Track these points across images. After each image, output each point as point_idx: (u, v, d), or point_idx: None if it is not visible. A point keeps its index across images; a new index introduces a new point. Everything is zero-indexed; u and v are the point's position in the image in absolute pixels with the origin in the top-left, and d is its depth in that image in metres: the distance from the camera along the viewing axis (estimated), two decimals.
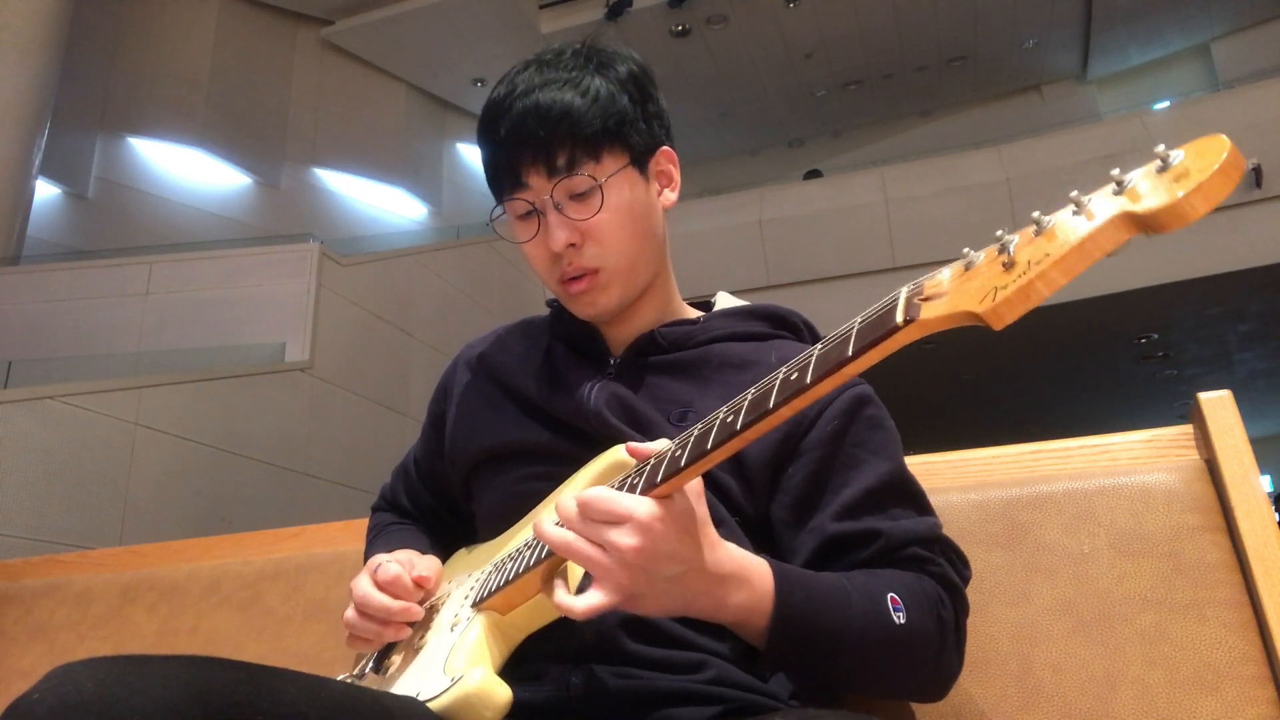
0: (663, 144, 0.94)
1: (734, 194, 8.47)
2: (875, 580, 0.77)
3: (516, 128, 0.86)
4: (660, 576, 0.66)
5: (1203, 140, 0.46)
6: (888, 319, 0.55)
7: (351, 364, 5.98)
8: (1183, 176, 0.45)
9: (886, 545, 0.80)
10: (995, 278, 0.49)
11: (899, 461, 0.87)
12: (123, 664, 0.56)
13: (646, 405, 0.88)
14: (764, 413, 0.61)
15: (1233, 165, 0.44)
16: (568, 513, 0.67)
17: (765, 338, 0.95)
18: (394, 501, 1.12)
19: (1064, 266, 0.47)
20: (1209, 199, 0.44)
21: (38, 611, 1.54)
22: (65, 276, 5.77)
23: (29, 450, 4.15)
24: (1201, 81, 10.70)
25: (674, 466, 0.66)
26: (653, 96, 0.93)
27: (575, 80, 0.87)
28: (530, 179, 0.87)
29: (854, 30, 10.19)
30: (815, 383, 0.58)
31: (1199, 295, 7.14)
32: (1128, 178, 0.47)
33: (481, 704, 0.72)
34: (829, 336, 0.60)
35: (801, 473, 0.84)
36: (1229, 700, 0.88)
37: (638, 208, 0.90)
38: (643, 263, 0.91)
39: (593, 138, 0.86)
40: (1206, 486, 0.98)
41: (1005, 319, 0.49)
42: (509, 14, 9.75)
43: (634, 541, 0.64)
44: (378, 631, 0.86)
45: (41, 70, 6.75)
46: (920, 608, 0.76)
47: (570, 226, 0.87)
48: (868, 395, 0.89)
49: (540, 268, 0.91)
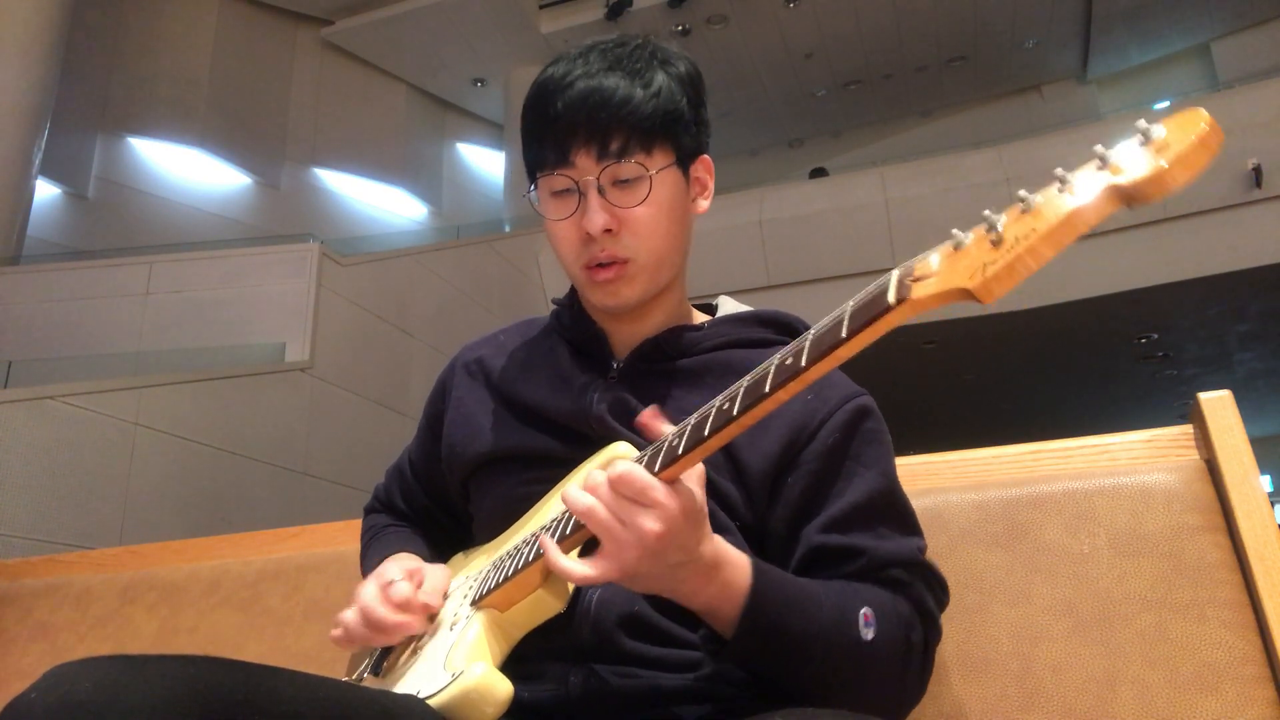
0: (704, 151, 0.94)
1: (734, 194, 8.47)
2: (851, 593, 0.77)
3: (575, 106, 0.85)
4: (665, 562, 0.68)
5: (1182, 113, 0.47)
6: (880, 300, 0.55)
7: (351, 364, 5.98)
8: (1164, 148, 0.46)
9: (869, 564, 0.81)
10: (984, 254, 0.50)
11: (891, 477, 0.87)
12: (120, 664, 0.56)
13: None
14: (760, 397, 0.61)
15: (1211, 135, 0.45)
16: (597, 483, 0.68)
17: (769, 344, 0.95)
18: (389, 503, 1.11)
19: (1051, 240, 0.48)
20: (1190, 168, 0.45)
21: (38, 611, 1.54)
22: (65, 276, 5.77)
23: (29, 450, 4.15)
24: (1201, 81, 10.71)
25: (671, 455, 0.66)
26: (704, 103, 0.93)
27: (641, 72, 0.87)
28: (578, 158, 0.86)
29: (854, 30, 10.20)
30: (810, 365, 0.58)
31: (1199, 295, 7.14)
32: (1110, 152, 0.48)
33: (482, 699, 0.71)
34: (823, 320, 0.60)
35: (799, 484, 0.84)
36: (1229, 700, 0.88)
37: (677, 207, 0.90)
38: (669, 263, 0.91)
39: (649, 130, 0.86)
40: (1206, 486, 0.98)
41: (995, 293, 0.50)
42: (509, 14, 9.76)
43: (658, 528, 0.65)
44: (369, 638, 0.87)
45: (41, 70, 6.75)
46: (890, 628, 0.77)
47: (611, 211, 0.86)
48: (869, 407, 0.89)
49: (567, 249, 0.90)
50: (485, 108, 11.47)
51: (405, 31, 9.94)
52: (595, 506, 0.67)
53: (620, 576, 0.68)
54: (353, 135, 10.15)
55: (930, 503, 1.06)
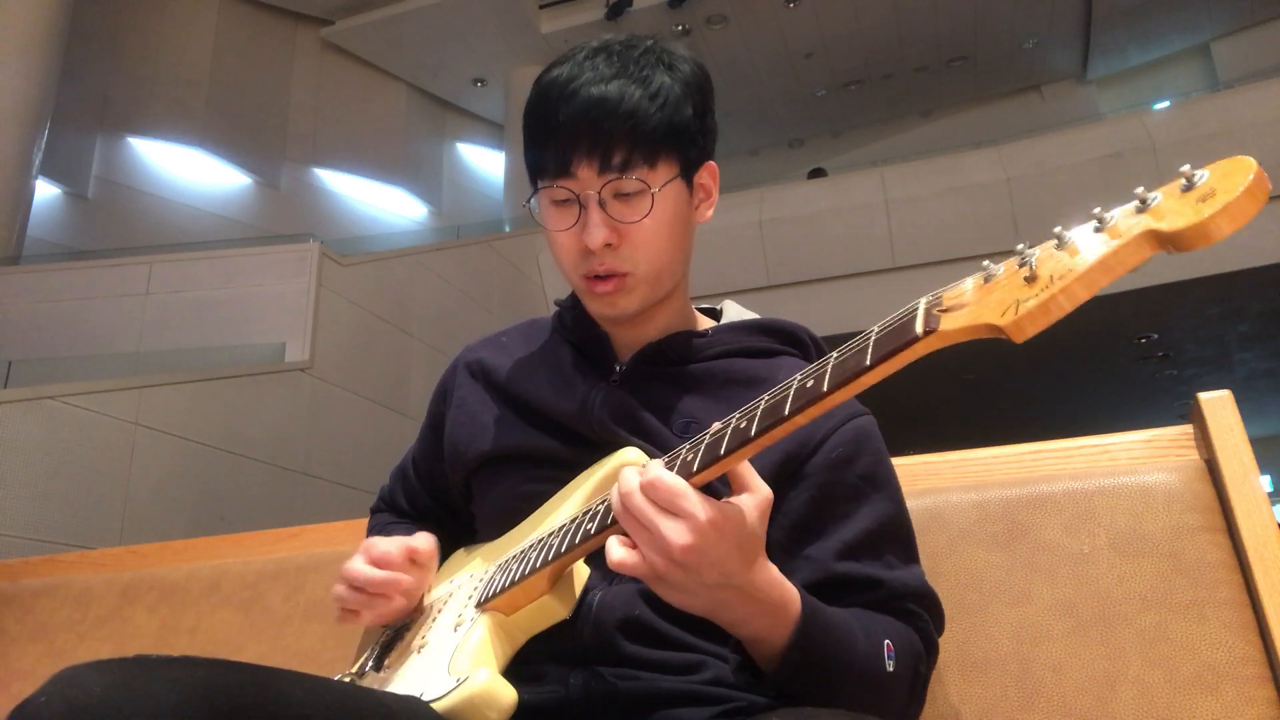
0: (710, 158, 0.93)
1: (734, 194, 8.46)
2: (877, 626, 0.78)
3: (578, 116, 0.83)
4: (697, 579, 0.66)
5: (1228, 161, 0.46)
6: (907, 329, 0.54)
7: (351, 364, 5.98)
8: (1209, 197, 0.44)
9: (886, 595, 0.82)
10: (1016, 290, 0.49)
11: (899, 503, 0.87)
12: (130, 666, 0.56)
13: (650, 415, 0.88)
14: (779, 419, 0.61)
15: (1259, 187, 0.44)
16: (629, 484, 0.67)
17: (772, 353, 0.95)
18: (392, 503, 1.12)
19: (1087, 281, 0.47)
20: (1235, 220, 0.44)
21: (38, 611, 1.54)
22: (65, 276, 5.77)
23: (29, 450, 4.14)
24: (1201, 81, 10.71)
25: (686, 471, 0.66)
26: (711, 110, 0.91)
27: (646, 79, 0.84)
28: (579, 170, 0.84)
29: (854, 30, 10.20)
30: (831, 391, 0.58)
31: (1199, 295, 7.14)
32: (1151, 196, 0.47)
33: (486, 705, 0.71)
34: (845, 345, 0.60)
35: (803, 497, 0.84)
36: (1229, 700, 0.88)
37: (679, 220, 0.89)
38: (669, 274, 0.90)
39: (653, 143, 0.84)
40: (1206, 486, 0.98)
41: (1027, 332, 0.49)
42: (509, 14, 9.76)
43: (685, 540, 0.64)
44: (365, 602, 0.87)
45: (41, 70, 6.75)
46: (906, 659, 0.78)
47: (611, 226, 0.85)
48: (873, 427, 0.89)
49: (566, 259, 0.89)
50: (485, 108, 11.48)
51: (405, 31, 9.94)
52: (627, 504, 0.66)
53: (649, 578, 0.67)
54: (353, 135, 10.15)
55: (930, 503, 1.06)
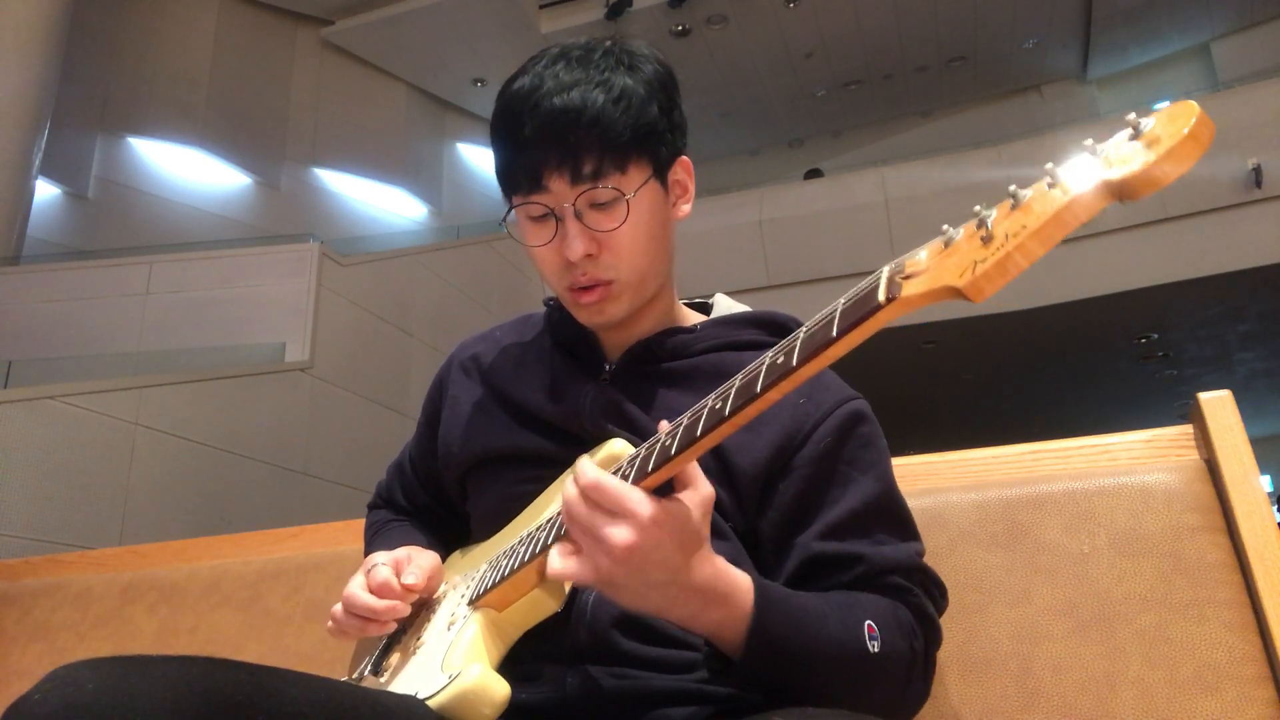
0: (681, 153, 0.92)
1: (734, 194, 8.47)
2: (854, 606, 0.77)
3: (544, 128, 0.82)
4: (646, 579, 0.66)
5: (1173, 106, 0.46)
6: (870, 298, 0.55)
7: (351, 364, 5.98)
8: (1154, 143, 0.45)
9: (868, 571, 0.80)
10: (974, 252, 0.50)
11: (888, 482, 0.86)
12: (124, 664, 0.56)
13: (641, 412, 0.88)
14: (752, 397, 0.61)
15: (1202, 129, 0.44)
16: (570, 490, 0.67)
17: (761, 346, 0.94)
18: (390, 499, 1.12)
19: (1041, 237, 0.47)
20: (1180, 162, 0.44)
21: (38, 611, 1.54)
22: (65, 276, 5.77)
23: (29, 450, 4.14)
24: (1201, 81, 10.70)
25: (664, 455, 0.65)
26: (677, 104, 0.90)
27: (607, 83, 0.83)
28: (552, 183, 0.83)
29: (854, 30, 10.19)
30: (801, 364, 0.58)
31: (1199, 295, 7.14)
32: (1100, 147, 0.47)
33: (479, 700, 0.72)
34: (814, 318, 0.60)
35: (792, 489, 0.84)
36: (1229, 700, 0.88)
37: (656, 221, 0.88)
38: (653, 276, 0.90)
39: (622, 148, 0.83)
40: (1206, 486, 0.98)
41: (985, 291, 0.49)
42: (509, 14, 9.75)
43: (627, 539, 0.63)
44: (360, 627, 0.87)
45: (41, 70, 6.74)
46: (894, 637, 0.77)
47: (589, 237, 0.84)
48: (862, 411, 0.89)
49: (550, 273, 0.89)
50: (485, 108, 11.46)
51: (405, 31, 9.93)
52: (569, 511, 0.66)
53: (596, 583, 0.66)
54: (353, 135, 10.14)
55: (930, 503, 1.06)
